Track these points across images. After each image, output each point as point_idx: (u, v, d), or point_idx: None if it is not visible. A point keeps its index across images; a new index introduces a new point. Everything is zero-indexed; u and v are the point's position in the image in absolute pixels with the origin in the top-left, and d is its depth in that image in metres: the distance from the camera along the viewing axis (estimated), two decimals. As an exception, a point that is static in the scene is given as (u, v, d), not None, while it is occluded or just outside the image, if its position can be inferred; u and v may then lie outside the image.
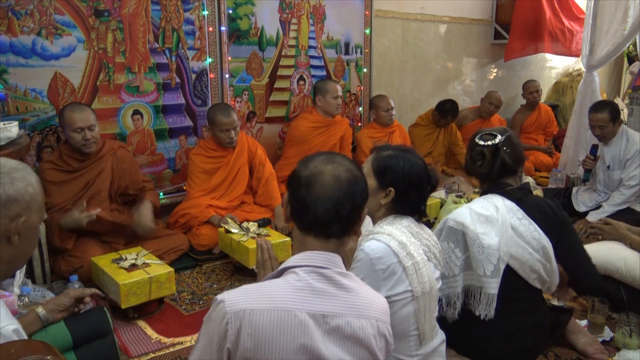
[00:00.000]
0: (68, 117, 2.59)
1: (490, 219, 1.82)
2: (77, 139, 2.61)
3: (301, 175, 1.18)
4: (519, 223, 1.84)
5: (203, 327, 1.12)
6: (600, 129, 3.42)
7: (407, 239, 1.55)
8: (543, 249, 1.85)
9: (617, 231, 2.41)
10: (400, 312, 1.52)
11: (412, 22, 4.70)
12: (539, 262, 1.84)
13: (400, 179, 1.61)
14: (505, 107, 5.73)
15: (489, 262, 1.78)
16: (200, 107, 3.40)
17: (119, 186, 2.85)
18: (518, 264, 1.83)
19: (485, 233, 1.80)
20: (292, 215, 1.21)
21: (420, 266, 1.53)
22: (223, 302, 1.08)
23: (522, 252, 1.82)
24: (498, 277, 1.80)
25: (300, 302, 1.09)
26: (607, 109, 3.40)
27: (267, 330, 1.05)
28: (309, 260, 1.15)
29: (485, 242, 1.78)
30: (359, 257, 1.54)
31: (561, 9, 5.29)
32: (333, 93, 3.64)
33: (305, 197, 1.16)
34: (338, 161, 1.19)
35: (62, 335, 1.69)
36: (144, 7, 3.07)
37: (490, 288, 1.80)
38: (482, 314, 1.82)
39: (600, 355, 2.04)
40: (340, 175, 1.16)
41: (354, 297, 1.15)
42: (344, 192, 1.16)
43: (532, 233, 1.84)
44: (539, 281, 1.89)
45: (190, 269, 2.92)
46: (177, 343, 2.18)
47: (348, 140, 3.91)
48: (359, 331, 1.13)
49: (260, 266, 1.43)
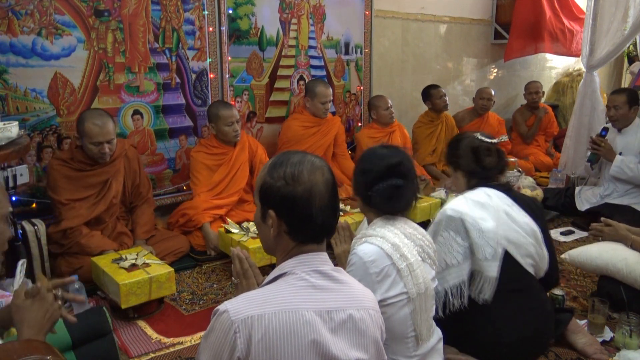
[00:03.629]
0: (89, 129, 2.55)
1: (485, 205, 1.90)
2: (94, 151, 2.60)
3: (296, 194, 1.14)
4: (510, 209, 1.94)
5: (205, 341, 1.10)
6: (615, 110, 3.48)
7: (400, 240, 1.55)
8: (534, 233, 1.95)
9: (617, 232, 2.41)
10: (397, 314, 1.53)
11: (412, 22, 4.70)
12: (532, 246, 1.93)
13: (362, 182, 1.66)
14: (506, 107, 5.74)
15: (488, 245, 1.84)
16: (200, 107, 3.40)
17: (131, 188, 2.90)
18: (515, 248, 1.90)
19: (482, 217, 1.86)
20: (291, 232, 1.17)
21: (414, 267, 1.54)
22: (227, 312, 1.06)
23: (517, 235, 1.90)
24: (497, 260, 1.85)
25: (305, 301, 1.10)
26: (626, 92, 3.51)
27: (277, 333, 1.05)
28: (307, 262, 1.17)
29: (482, 225, 1.85)
30: (353, 261, 1.54)
31: (561, 9, 5.29)
32: (321, 98, 3.61)
33: (311, 213, 1.15)
34: (318, 164, 1.19)
35: (62, 335, 1.69)
36: (144, 7, 3.07)
37: (490, 271, 1.85)
38: (482, 298, 1.85)
39: (600, 355, 2.04)
40: (328, 179, 1.19)
41: (350, 290, 1.19)
42: (334, 192, 1.21)
43: (523, 218, 1.94)
44: (533, 267, 1.97)
45: (190, 269, 2.92)
46: (177, 343, 2.18)
47: (341, 138, 3.90)
48: (361, 323, 1.16)
49: (242, 276, 1.39)
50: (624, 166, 3.39)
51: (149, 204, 3.01)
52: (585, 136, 4.34)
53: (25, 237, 2.50)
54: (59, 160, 2.65)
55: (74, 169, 2.65)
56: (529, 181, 3.68)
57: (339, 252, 1.80)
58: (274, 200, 1.16)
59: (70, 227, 2.58)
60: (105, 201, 2.71)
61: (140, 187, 2.96)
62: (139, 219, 2.91)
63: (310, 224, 1.16)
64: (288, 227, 1.17)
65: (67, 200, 2.61)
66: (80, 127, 2.59)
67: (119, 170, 2.79)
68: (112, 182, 2.75)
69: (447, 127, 4.52)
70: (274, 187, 1.16)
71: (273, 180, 1.16)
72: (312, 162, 1.18)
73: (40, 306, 1.30)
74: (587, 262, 2.42)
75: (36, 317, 1.28)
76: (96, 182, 2.71)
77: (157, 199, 3.24)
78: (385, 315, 1.50)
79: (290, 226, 1.17)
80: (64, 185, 2.60)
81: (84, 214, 2.64)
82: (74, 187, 2.64)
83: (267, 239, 1.23)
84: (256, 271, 1.41)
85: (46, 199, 2.79)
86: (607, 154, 3.48)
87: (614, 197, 3.49)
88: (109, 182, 2.74)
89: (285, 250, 1.20)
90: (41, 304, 1.30)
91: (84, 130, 2.57)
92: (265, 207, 1.19)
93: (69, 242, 2.59)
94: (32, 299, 1.30)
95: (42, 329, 1.28)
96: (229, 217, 3.14)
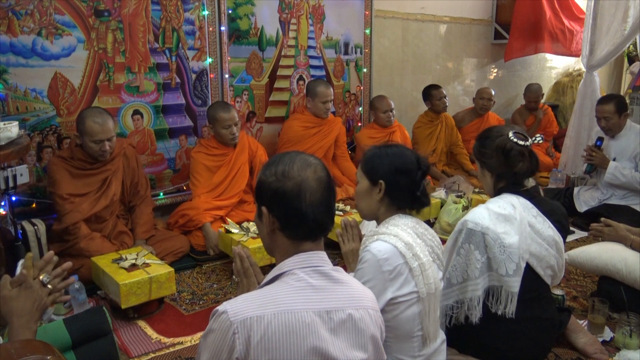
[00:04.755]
0: (89, 127, 2.57)
1: (509, 218, 1.82)
2: (94, 149, 2.62)
3: (286, 189, 1.16)
4: (535, 220, 1.86)
5: (204, 341, 1.10)
6: (605, 121, 3.47)
7: (413, 240, 1.55)
8: (556, 244, 1.89)
9: (617, 232, 2.41)
10: (405, 313, 1.52)
11: (412, 22, 4.70)
12: (553, 257, 1.88)
13: (387, 169, 1.61)
14: (506, 107, 5.74)
15: (510, 261, 1.78)
16: (200, 107, 3.40)
17: (130, 186, 2.91)
18: (536, 261, 1.85)
19: (505, 232, 1.79)
20: (284, 228, 1.18)
21: (426, 267, 1.53)
22: (226, 313, 1.06)
23: (540, 248, 1.85)
24: (519, 275, 1.80)
25: (304, 303, 1.10)
26: (614, 101, 3.46)
27: (277, 334, 1.05)
28: (307, 262, 1.17)
29: (506, 241, 1.78)
30: (366, 259, 1.53)
31: (561, 9, 5.29)
32: (322, 97, 3.61)
33: (301, 208, 1.15)
34: (311, 162, 1.20)
35: (61, 335, 1.69)
36: (144, 7, 3.07)
37: (512, 287, 1.79)
38: (503, 312, 1.81)
39: (600, 355, 2.04)
40: (321, 176, 1.19)
41: (349, 289, 1.19)
42: (329, 190, 1.20)
43: (547, 230, 1.87)
44: (551, 277, 1.93)
45: (190, 269, 2.92)
46: (177, 343, 2.18)
47: (342, 139, 3.90)
48: (360, 322, 1.16)
49: (242, 275, 1.40)
50: (617, 173, 3.40)
51: (148, 203, 3.01)
52: (585, 136, 4.35)
53: (25, 237, 2.51)
54: (60, 158, 2.67)
55: (74, 167, 2.67)
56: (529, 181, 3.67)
57: (346, 251, 1.79)
58: (265, 196, 1.19)
59: (73, 222, 2.59)
60: (106, 198, 2.72)
61: (139, 187, 2.96)
62: (139, 219, 2.92)
63: (302, 219, 1.16)
64: (280, 223, 1.18)
65: (68, 195, 2.62)
66: (80, 125, 2.60)
67: (118, 169, 2.80)
68: (112, 179, 2.76)
69: (446, 127, 4.52)
70: (265, 183, 1.19)
71: (265, 177, 1.19)
72: (305, 160, 1.20)
73: (27, 295, 1.26)
74: (587, 262, 2.42)
75: (24, 306, 1.25)
76: (96, 180, 2.72)
77: (156, 199, 3.24)
78: (393, 314, 1.51)
79: (282, 222, 1.18)
80: (64, 180, 2.62)
81: (85, 209, 2.65)
82: (74, 183, 2.65)
83: (264, 237, 1.26)
84: (257, 270, 1.42)
85: (46, 199, 2.79)
86: (601, 162, 3.50)
87: (612, 201, 3.49)
88: (109, 180, 2.75)
89: (283, 250, 1.21)
90: (28, 292, 1.27)
91: (84, 128, 2.58)
92: (259, 204, 1.22)
93: (71, 240, 2.60)
94: (19, 287, 1.27)
95: (32, 317, 1.25)
96: (229, 217, 3.14)
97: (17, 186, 2.35)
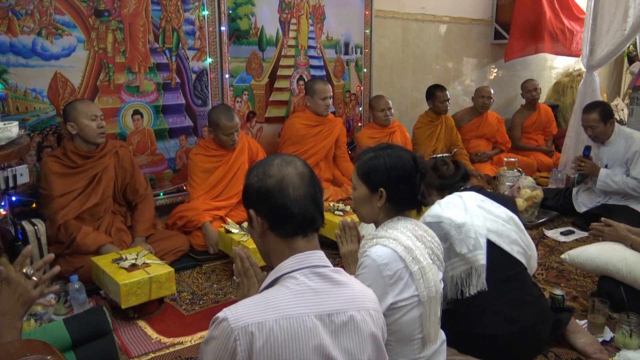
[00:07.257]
0: (81, 107, 2.68)
1: (457, 204, 1.99)
2: (92, 127, 2.68)
3: (268, 186, 1.18)
4: (483, 203, 2.03)
5: (204, 348, 1.09)
6: (591, 129, 3.47)
7: (412, 243, 1.55)
8: (512, 219, 2.03)
9: (617, 232, 2.41)
10: (405, 316, 1.52)
11: (412, 22, 4.70)
12: (514, 232, 2.00)
13: (386, 177, 1.60)
14: (506, 107, 5.74)
15: (468, 238, 1.91)
16: (200, 107, 3.40)
17: (121, 185, 2.92)
18: (497, 237, 1.96)
19: (456, 215, 1.94)
20: (273, 227, 1.19)
21: (426, 271, 1.53)
22: (226, 320, 1.05)
23: (496, 224, 1.98)
24: (482, 248, 1.91)
25: (305, 307, 1.09)
26: (597, 109, 3.45)
27: (279, 340, 1.04)
28: (305, 262, 1.16)
29: (458, 220, 1.92)
30: (366, 264, 1.52)
31: (561, 9, 5.29)
32: (321, 94, 3.61)
33: (286, 203, 1.16)
34: (291, 160, 1.23)
35: (61, 335, 1.69)
36: (144, 7, 3.07)
37: (478, 260, 1.90)
38: (476, 289, 1.89)
39: (600, 355, 2.04)
40: (303, 172, 1.21)
41: (350, 291, 1.18)
42: (313, 185, 1.21)
43: (498, 208, 2.03)
44: (523, 255, 2.01)
45: (190, 269, 2.92)
46: (177, 343, 2.18)
47: (343, 140, 3.90)
48: (362, 324, 1.15)
49: (243, 275, 1.40)
50: (609, 180, 3.40)
51: (149, 201, 3.01)
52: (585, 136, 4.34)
53: (25, 237, 2.51)
54: (52, 157, 2.70)
55: (65, 165, 2.70)
56: (529, 181, 3.67)
57: (345, 252, 1.79)
58: (251, 198, 1.21)
59: (65, 220, 2.61)
60: (96, 195, 2.75)
61: (137, 185, 2.96)
62: (139, 217, 2.93)
63: (288, 215, 1.17)
64: (269, 222, 1.19)
65: (58, 194, 2.65)
66: (72, 112, 2.67)
67: (108, 166, 2.81)
68: (102, 176, 2.79)
69: (446, 127, 4.52)
70: (248, 185, 1.22)
71: (248, 180, 1.22)
72: (284, 158, 1.23)
73: (10, 290, 1.21)
74: (587, 262, 2.42)
75: (8, 302, 1.19)
76: (86, 177, 2.74)
77: (156, 199, 3.24)
78: (394, 318, 1.50)
79: (270, 221, 1.19)
80: (54, 180, 2.65)
81: (76, 205, 2.68)
82: (63, 182, 2.68)
83: (257, 242, 1.26)
84: (257, 270, 1.42)
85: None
86: (591, 171, 3.50)
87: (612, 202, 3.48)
88: (99, 176, 2.77)
89: (278, 251, 1.20)
90: (10, 287, 1.21)
91: (77, 112, 2.66)
92: (247, 208, 1.24)
93: (66, 239, 2.61)
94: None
95: (17, 314, 1.20)
96: (228, 217, 3.14)
97: (17, 186, 2.36)
